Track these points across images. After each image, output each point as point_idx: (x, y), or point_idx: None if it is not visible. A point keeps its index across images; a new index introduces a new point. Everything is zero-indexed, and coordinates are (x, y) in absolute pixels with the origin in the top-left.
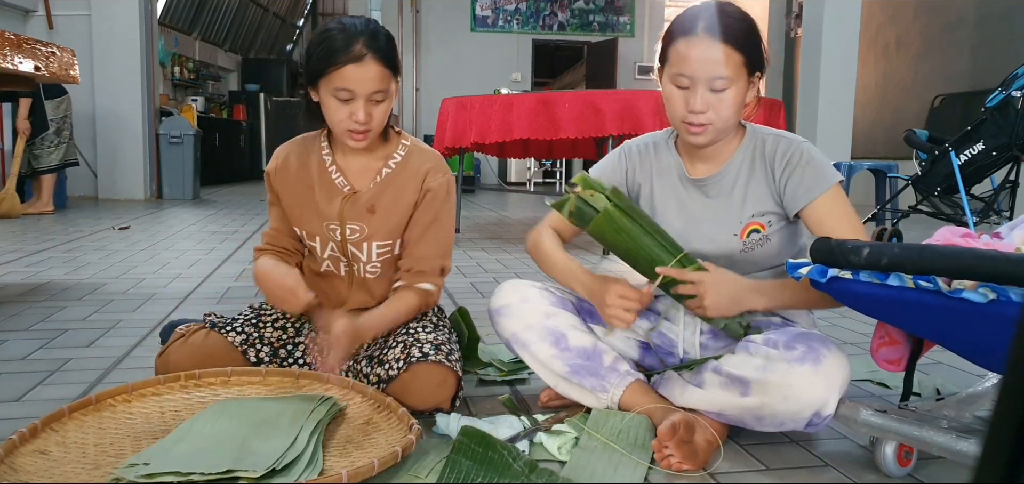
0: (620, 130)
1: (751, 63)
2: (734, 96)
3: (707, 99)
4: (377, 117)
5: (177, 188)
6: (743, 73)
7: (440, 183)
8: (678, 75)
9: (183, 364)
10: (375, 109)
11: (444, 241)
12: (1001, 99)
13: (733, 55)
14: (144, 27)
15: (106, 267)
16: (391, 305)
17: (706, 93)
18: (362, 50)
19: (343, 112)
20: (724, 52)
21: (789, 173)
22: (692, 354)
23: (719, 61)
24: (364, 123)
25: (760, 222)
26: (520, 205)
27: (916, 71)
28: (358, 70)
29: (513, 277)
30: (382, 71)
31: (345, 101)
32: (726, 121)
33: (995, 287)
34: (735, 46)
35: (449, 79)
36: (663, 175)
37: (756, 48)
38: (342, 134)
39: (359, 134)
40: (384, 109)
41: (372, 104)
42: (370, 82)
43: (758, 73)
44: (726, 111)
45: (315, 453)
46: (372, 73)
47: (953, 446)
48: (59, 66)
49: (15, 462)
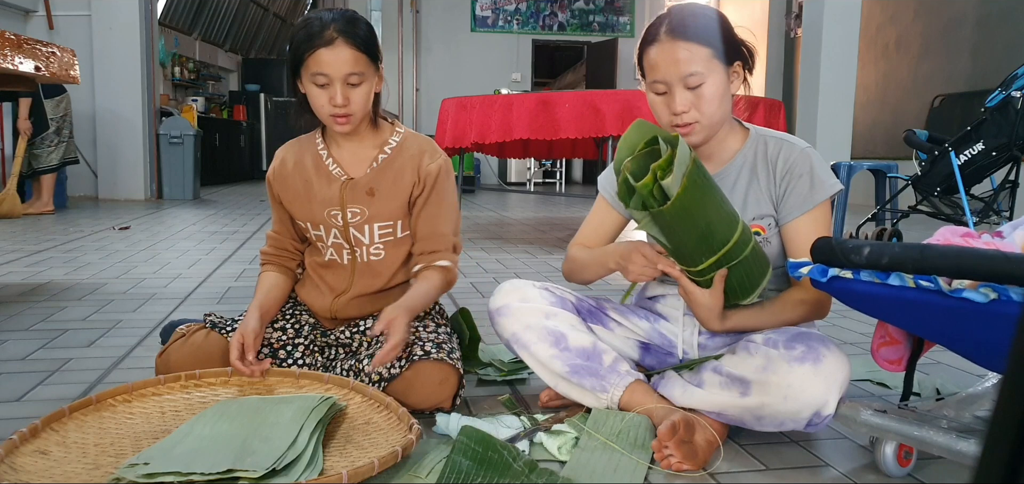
0: (620, 130)
1: (721, 53)
2: (712, 89)
3: (687, 98)
4: (356, 100)
5: (177, 188)
6: (716, 64)
7: (437, 166)
8: (654, 83)
9: (183, 364)
10: (352, 92)
11: (451, 220)
12: (1001, 99)
13: (697, 50)
14: (144, 27)
15: (106, 267)
16: (421, 285)
17: (684, 93)
18: (333, 35)
19: (323, 97)
20: (687, 49)
21: (789, 181)
22: (691, 354)
23: (685, 59)
24: (343, 106)
25: (761, 225)
26: (520, 205)
27: (916, 71)
28: (331, 53)
29: (513, 277)
30: (355, 55)
31: (323, 86)
32: (712, 116)
33: (996, 286)
34: (697, 41)
35: (449, 79)
36: None
37: (722, 38)
38: (326, 120)
39: (341, 117)
40: (363, 92)
41: (348, 87)
42: (344, 64)
43: (738, 62)
44: (707, 106)
45: (315, 453)
46: (345, 56)
47: (953, 446)
48: (59, 66)
49: (15, 462)
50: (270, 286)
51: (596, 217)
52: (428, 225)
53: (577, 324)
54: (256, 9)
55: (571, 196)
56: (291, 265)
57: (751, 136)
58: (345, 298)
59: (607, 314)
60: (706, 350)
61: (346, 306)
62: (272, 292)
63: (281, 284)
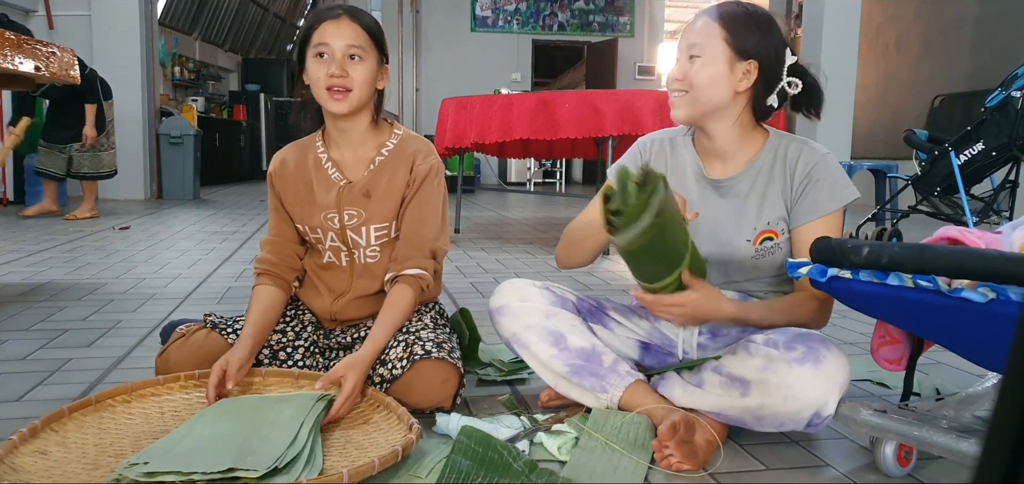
0: (620, 130)
1: (737, 46)
2: (708, 68)
3: (684, 67)
4: (356, 77)
5: (177, 188)
6: (724, 49)
7: (427, 166)
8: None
9: (183, 364)
10: (353, 67)
11: (434, 223)
12: (1001, 99)
13: (712, 26)
14: (144, 27)
15: (106, 267)
16: (383, 318)
17: (684, 61)
18: (338, 11)
19: (321, 70)
20: (705, 23)
21: (805, 186)
22: (691, 354)
23: (697, 30)
24: (340, 75)
25: (774, 230)
26: (520, 205)
27: (916, 71)
28: (334, 26)
29: (513, 277)
30: (358, 31)
31: (322, 57)
32: (697, 95)
33: (995, 286)
34: (721, 22)
35: (449, 79)
36: (677, 175)
37: (744, 31)
38: (323, 97)
39: (337, 93)
40: (362, 71)
41: (348, 62)
42: (345, 36)
43: (753, 62)
44: (698, 81)
45: (313, 451)
46: (347, 30)
47: (953, 446)
48: (59, 66)
49: (15, 462)
50: (266, 306)
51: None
52: (410, 227)
53: (577, 324)
54: (256, 9)
55: (571, 196)
56: (289, 277)
57: (771, 139)
58: (344, 300)
59: (607, 314)
60: (706, 350)
61: (345, 307)
62: (267, 315)
63: (277, 305)
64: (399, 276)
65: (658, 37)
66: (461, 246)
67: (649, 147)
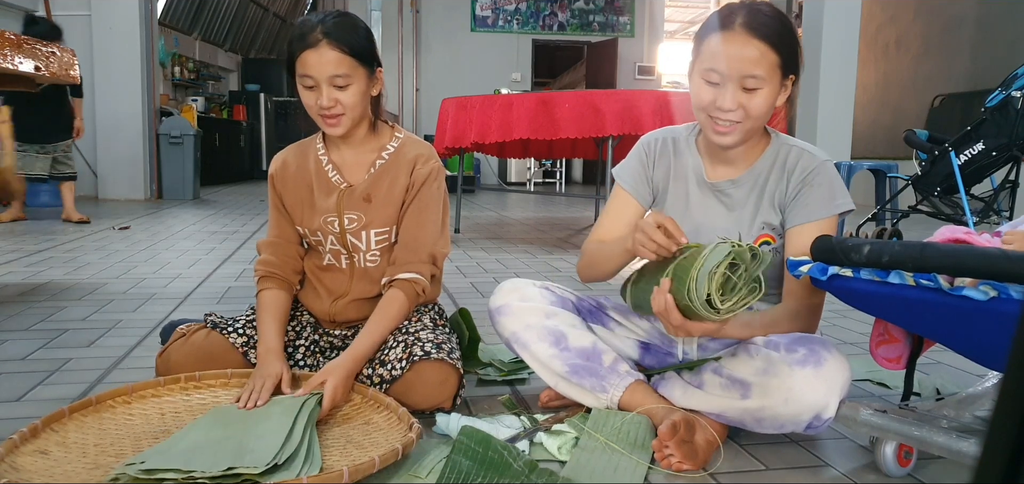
0: (620, 130)
1: (786, 65)
2: (766, 97)
3: (738, 98)
4: (345, 102)
5: (177, 188)
6: (777, 74)
7: (427, 170)
8: (709, 70)
9: (184, 364)
10: (339, 94)
11: (433, 228)
12: (1001, 99)
13: (768, 54)
14: (144, 27)
15: (106, 267)
16: (372, 324)
17: (737, 91)
18: (317, 37)
19: (311, 99)
20: (759, 50)
21: (800, 189)
22: (691, 355)
23: (753, 59)
24: (329, 108)
25: (772, 234)
26: (520, 205)
27: (916, 71)
28: (315, 55)
29: (513, 277)
30: (340, 56)
31: (310, 88)
32: (755, 123)
33: (996, 284)
34: (771, 45)
35: (449, 79)
36: (679, 178)
37: (792, 49)
38: (318, 121)
39: (329, 119)
40: (351, 94)
41: (334, 88)
42: (327, 66)
43: (792, 76)
44: (756, 111)
45: (311, 449)
46: (328, 58)
47: (953, 446)
48: (59, 66)
49: (15, 462)
50: (280, 312)
51: (615, 207)
52: (408, 231)
53: (577, 324)
54: (256, 9)
55: (571, 196)
56: (292, 279)
57: (772, 143)
58: (343, 302)
59: (607, 314)
60: (706, 351)
61: (344, 309)
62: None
63: (287, 308)
64: (393, 280)
65: (658, 37)
66: (461, 246)
67: (652, 147)
